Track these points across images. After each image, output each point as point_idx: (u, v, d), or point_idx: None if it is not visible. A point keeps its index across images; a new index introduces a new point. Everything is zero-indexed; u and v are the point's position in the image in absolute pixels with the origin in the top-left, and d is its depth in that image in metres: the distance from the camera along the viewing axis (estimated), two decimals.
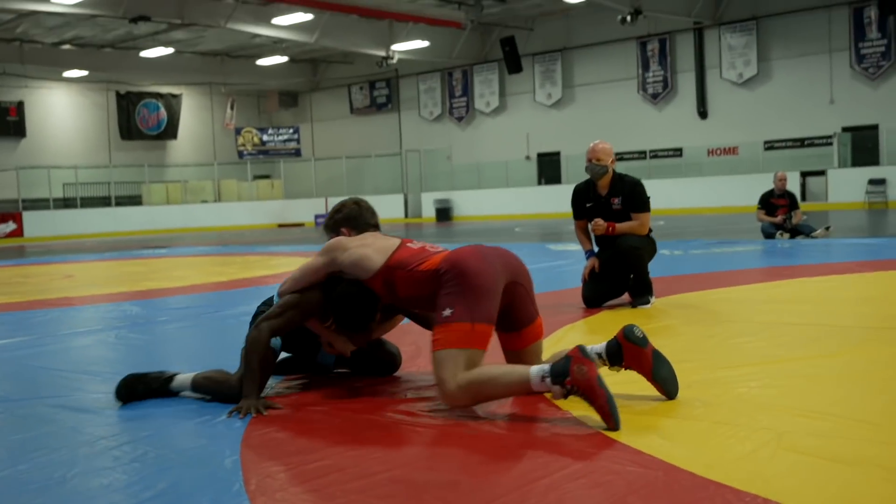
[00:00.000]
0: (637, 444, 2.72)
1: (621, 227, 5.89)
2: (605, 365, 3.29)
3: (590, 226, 6.02)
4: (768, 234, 11.81)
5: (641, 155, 27.02)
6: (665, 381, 3.23)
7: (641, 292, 5.85)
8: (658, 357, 3.23)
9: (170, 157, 34.91)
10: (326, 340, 3.71)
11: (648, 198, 5.98)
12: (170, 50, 29.94)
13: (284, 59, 33.01)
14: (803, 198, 22.14)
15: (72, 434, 3.17)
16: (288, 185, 34.19)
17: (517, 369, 3.09)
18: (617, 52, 28.07)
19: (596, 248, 6.09)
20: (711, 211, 23.57)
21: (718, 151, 25.93)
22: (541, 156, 30.23)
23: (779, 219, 11.83)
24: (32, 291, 9.19)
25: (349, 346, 3.69)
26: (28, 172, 29.01)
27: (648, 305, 5.79)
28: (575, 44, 29.07)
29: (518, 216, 27.26)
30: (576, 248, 11.82)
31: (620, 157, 27.29)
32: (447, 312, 3.14)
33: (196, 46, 30.87)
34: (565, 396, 2.96)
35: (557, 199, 27.15)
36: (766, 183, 12.47)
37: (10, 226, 26.63)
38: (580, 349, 2.97)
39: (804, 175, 23.29)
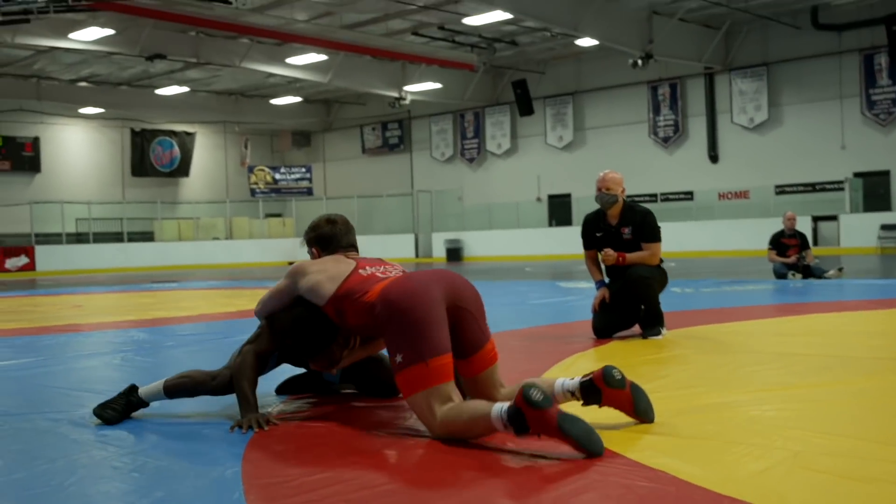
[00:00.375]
0: (647, 460, 2.65)
1: (632, 257, 5.81)
2: (577, 401, 3.13)
3: (600, 256, 5.97)
4: (780, 275, 11.72)
5: (652, 198, 27.00)
6: (644, 414, 3.13)
7: (652, 323, 5.77)
8: (636, 391, 3.13)
9: (182, 194, 35.10)
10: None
11: (659, 227, 5.92)
12: (185, 88, 30.25)
13: (298, 99, 33.30)
14: (815, 242, 22.04)
15: (71, 445, 3.12)
16: (299, 224, 34.26)
17: (483, 414, 2.86)
18: (628, 96, 28.19)
19: (607, 279, 6.03)
20: (722, 254, 23.48)
21: (729, 195, 25.89)
22: (552, 197, 30.25)
23: (791, 258, 11.75)
24: (41, 319, 9.18)
25: (332, 362, 3.65)
26: (42, 207, 29.18)
27: (660, 337, 5.70)
28: (586, 87, 29.24)
29: (528, 257, 27.21)
30: (586, 285, 11.76)
31: (631, 199, 27.23)
32: (398, 359, 3.03)
33: (211, 85, 31.19)
34: (518, 434, 2.76)
35: (568, 241, 27.10)
36: (776, 226, 12.41)
37: (23, 259, 26.72)
38: (525, 398, 2.69)
39: (816, 220, 23.21)
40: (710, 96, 26.56)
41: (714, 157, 26.62)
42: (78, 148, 32.63)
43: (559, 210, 29.87)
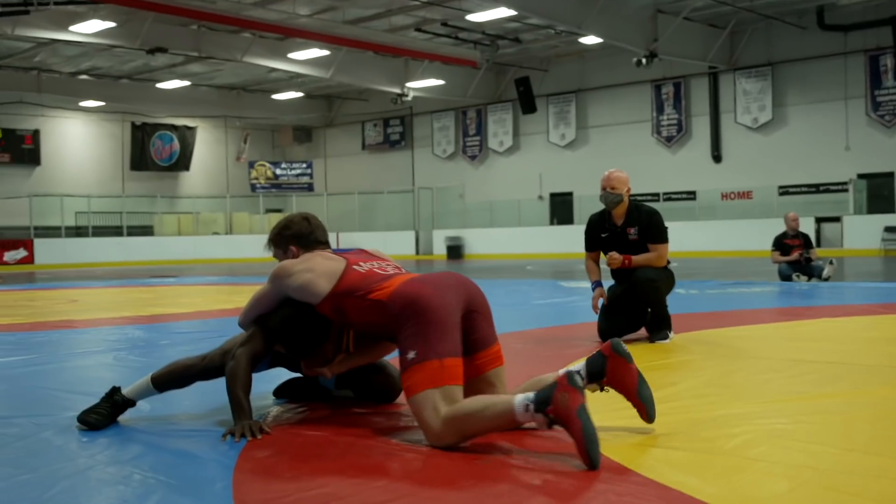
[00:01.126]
0: (662, 478, 2.50)
1: (638, 259, 5.65)
2: (584, 382, 3.01)
3: (605, 258, 5.80)
4: (785, 277, 11.56)
5: (655, 197, 26.82)
6: (647, 402, 3.04)
7: (659, 327, 5.62)
8: (642, 376, 3.06)
9: (182, 188, 34.92)
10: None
11: (666, 228, 5.76)
12: (186, 82, 30.08)
13: (299, 94, 33.13)
14: (818, 244, 21.87)
15: (55, 453, 2.97)
16: None
17: (500, 399, 2.85)
18: (631, 95, 28.02)
19: (606, 282, 5.86)
20: (725, 254, 23.31)
21: (732, 195, 25.73)
22: (553, 196, 30.09)
23: (795, 256, 11.59)
24: (35, 314, 9.02)
25: (325, 368, 3.54)
26: (41, 200, 29.04)
27: (667, 341, 5.55)
28: (589, 85, 29.06)
29: (529, 255, 27.05)
30: (589, 285, 11.61)
31: (633, 198, 27.08)
32: (411, 355, 2.98)
33: (212, 80, 31.01)
34: (549, 426, 2.74)
35: (569, 240, 26.91)
36: (779, 227, 12.24)
37: (22, 253, 26.57)
38: (568, 376, 2.72)
39: (819, 221, 23.05)
40: (713, 96, 26.40)
41: (717, 157, 26.46)
42: (78, 141, 32.47)
43: (561, 209, 29.71)
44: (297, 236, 3.68)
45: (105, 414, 3.36)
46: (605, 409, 3.57)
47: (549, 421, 2.70)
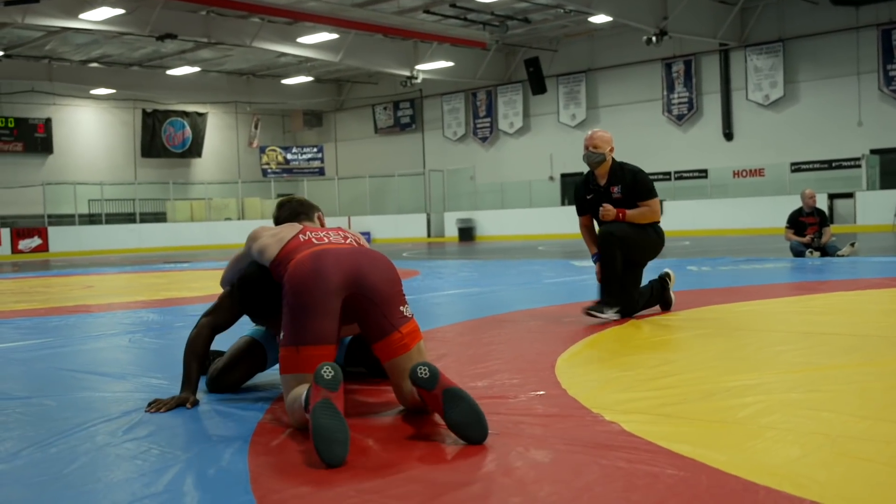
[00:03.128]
0: (674, 446, 2.50)
1: (632, 213, 5.53)
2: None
3: (600, 211, 5.60)
4: (797, 253, 11.52)
5: (666, 176, 26.73)
6: (463, 428, 2.63)
7: (601, 293, 5.38)
8: (451, 399, 2.67)
9: (194, 174, 35.00)
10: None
11: (653, 182, 5.70)
12: (196, 69, 30.09)
13: (309, 78, 33.08)
14: (831, 220, 21.76)
15: (73, 431, 3.00)
16: None
17: (298, 392, 2.82)
18: (642, 74, 27.87)
19: None
20: (737, 232, 23.22)
21: (744, 173, 25.60)
22: (564, 176, 30.00)
23: (807, 238, 11.55)
24: (51, 300, 9.09)
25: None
26: (54, 188, 29.17)
27: (604, 316, 5.27)
28: (599, 65, 28.91)
29: (541, 236, 27.01)
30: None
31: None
32: (280, 336, 3.01)
33: (222, 65, 31.00)
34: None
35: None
36: (792, 204, 12.17)
37: (36, 241, 26.72)
38: (315, 372, 2.58)
39: (832, 197, 22.91)
40: (725, 73, 26.22)
41: (729, 135, 26.31)
42: (90, 129, 32.56)
43: (572, 189, 29.56)
44: (291, 216, 3.81)
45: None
46: (622, 381, 3.58)
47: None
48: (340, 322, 2.97)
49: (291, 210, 3.82)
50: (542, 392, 3.32)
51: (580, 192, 5.87)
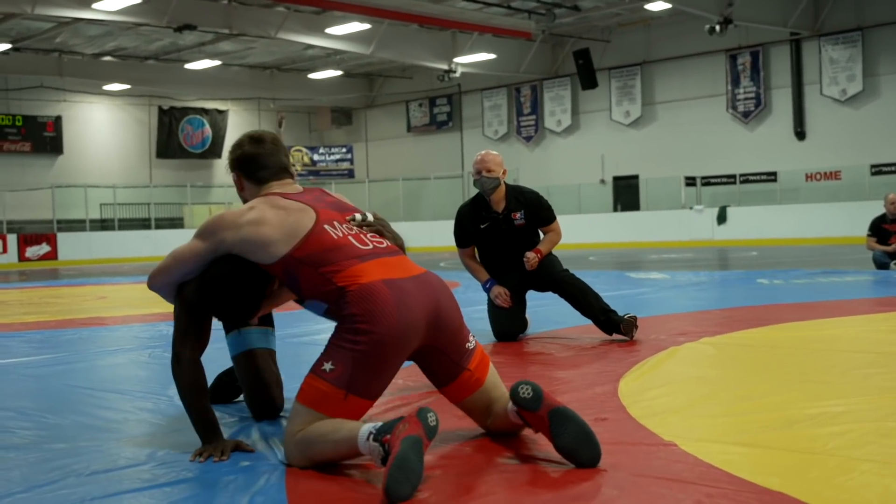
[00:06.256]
0: (760, 481, 2.45)
1: (545, 248, 5.70)
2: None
3: (526, 263, 5.58)
4: (881, 265, 11.33)
5: (731, 179, 26.49)
6: (570, 452, 2.67)
7: (617, 318, 5.40)
8: (558, 420, 2.69)
9: (214, 176, 35.32)
10: None
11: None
12: (216, 62, 30.39)
13: (338, 73, 33.28)
14: None
15: (95, 455, 3.02)
16: None
17: (346, 425, 2.70)
18: (703, 66, 27.66)
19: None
20: (810, 242, 22.94)
21: (818, 176, 25.28)
22: (617, 179, 29.86)
23: (893, 247, 11.36)
24: (62, 311, 9.22)
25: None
26: (64, 191, 29.59)
27: (635, 327, 5.36)
28: (656, 57, 28.75)
29: (591, 245, 26.88)
30: (658, 275, 11.54)
31: (707, 181, 26.85)
32: (327, 367, 2.76)
33: (244, 59, 31.30)
34: (383, 462, 2.49)
35: (635, 227, 26.79)
36: (871, 211, 11.99)
37: (44, 248, 27.12)
38: (420, 410, 2.56)
39: None
40: (796, 65, 25.94)
41: (801, 134, 26.02)
42: (102, 127, 33.02)
43: (625, 193, 29.48)
44: (240, 161, 3.33)
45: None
46: (695, 407, 3.54)
47: (384, 453, 2.50)
48: None
49: (279, 164, 3.30)
50: (605, 417, 3.29)
51: (471, 220, 5.76)
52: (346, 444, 2.65)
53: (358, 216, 3.12)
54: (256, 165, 3.27)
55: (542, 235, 5.86)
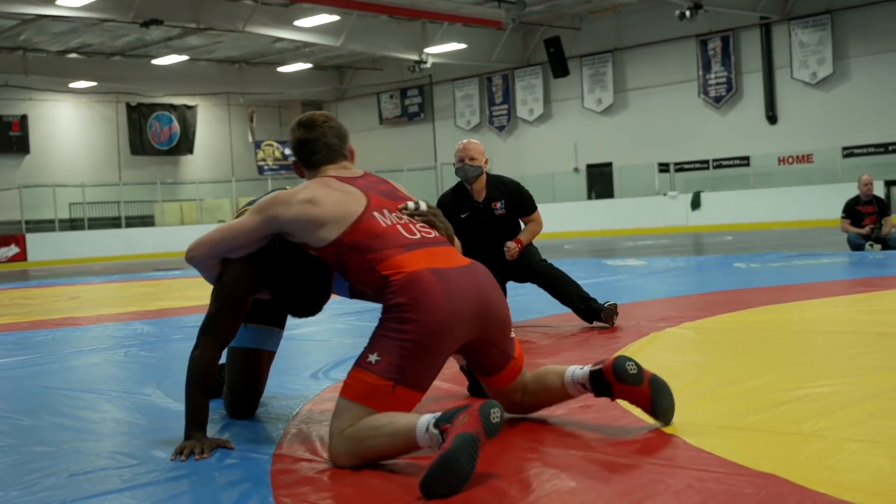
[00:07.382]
0: (750, 464, 2.45)
1: (526, 238, 5.74)
2: (590, 392, 2.95)
3: (507, 253, 5.58)
4: (856, 246, 11.41)
5: (704, 164, 26.63)
6: (665, 414, 2.88)
7: (597, 305, 5.45)
8: (657, 388, 2.87)
9: (184, 173, 35.06)
10: None
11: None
12: (184, 57, 30.12)
13: (308, 65, 33.10)
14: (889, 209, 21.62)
15: (73, 456, 2.97)
16: None
17: (402, 417, 2.62)
18: (674, 52, 27.75)
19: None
20: (784, 225, 23.11)
21: (790, 160, 25.45)
22: (590, 167, 29.93)
23: (866, 229, 11.45)
24: (34, 312, 9.10)
25: None
26: (32, 191, 29.25)
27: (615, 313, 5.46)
28: (627, 44, 28.80)
29: (566, 234, 26.92)
30: (636, 262, 11.57)
31: (680, 167, 26.97)
32: (372, 358, 2.70)
33: (212, 53, 31.06)
34: (438, 448, 2.43)
35: (610, 215, 26.87)
36: (844, 193, 12.09)
37: (13, 249, 26.81)
38: (483, 405, 2.45)
39: (888, 184, 22.74)
40: (766, 50, 26.08)
41: (772, 118, 26.17)
42: (69, 126, 32.67)
43: (599, 181, 29.57)
44: (297, 147, 3.24)
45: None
46: (681, 391, 3.53)
47: (440, 439, 2.45)
48: None
49: (328, 148, 3.20)
50: (590, 404, 3.27)
51: (451, 209, 5.56)
52: (404, 437, 2.57)
53: (411, 205, 3.09)
54: (308, 151, 3.21)
55: (522, 225, 5.86)
